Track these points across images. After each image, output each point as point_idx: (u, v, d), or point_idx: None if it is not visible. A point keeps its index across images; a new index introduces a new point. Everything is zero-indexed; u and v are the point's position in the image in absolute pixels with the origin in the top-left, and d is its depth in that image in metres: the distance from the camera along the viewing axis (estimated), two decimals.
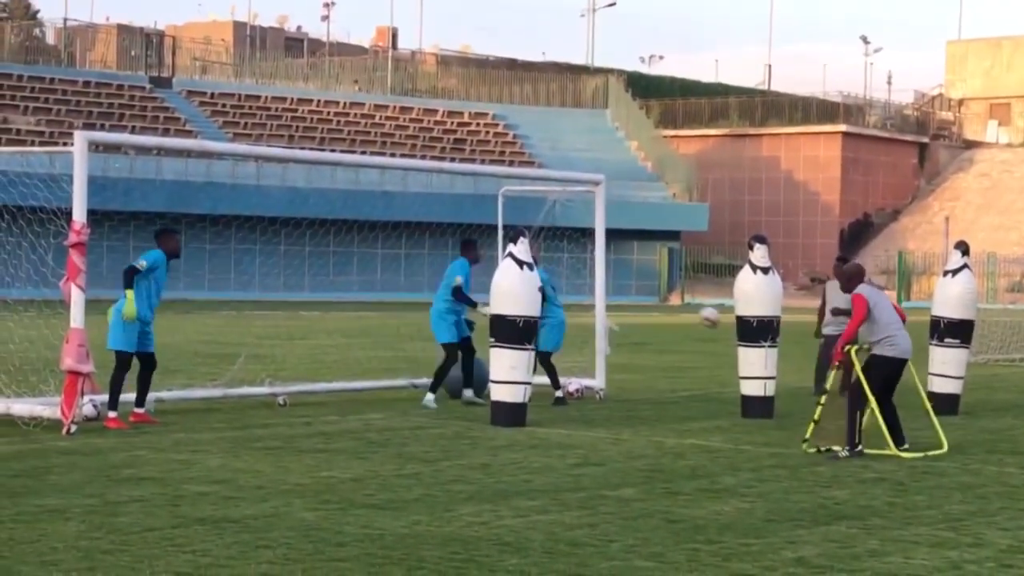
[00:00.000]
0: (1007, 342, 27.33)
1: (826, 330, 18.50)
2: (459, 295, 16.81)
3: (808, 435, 13.23)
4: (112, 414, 14.05)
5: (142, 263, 14.20)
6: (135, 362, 14.35)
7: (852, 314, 13.17)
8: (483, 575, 7.92)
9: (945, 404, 16.92)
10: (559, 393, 17.24)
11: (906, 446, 13.14)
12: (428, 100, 68.85)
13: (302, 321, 36.28)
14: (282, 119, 62.65)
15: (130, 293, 14.08)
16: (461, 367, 16.97)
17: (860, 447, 12.82)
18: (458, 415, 15.84)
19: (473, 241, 17.43)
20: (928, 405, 14.06)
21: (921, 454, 13.04)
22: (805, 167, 75.19)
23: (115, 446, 12.70)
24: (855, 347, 13.23)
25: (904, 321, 13.44)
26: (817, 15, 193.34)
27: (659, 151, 69.65)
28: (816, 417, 13.20)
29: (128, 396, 14.38)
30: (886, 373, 13.12)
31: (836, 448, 13.02)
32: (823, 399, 13.32)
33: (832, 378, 13.46)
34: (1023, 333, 27.85)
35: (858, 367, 13.13)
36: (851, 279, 13.44)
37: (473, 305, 16.80)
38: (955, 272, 17.18)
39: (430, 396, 16.66)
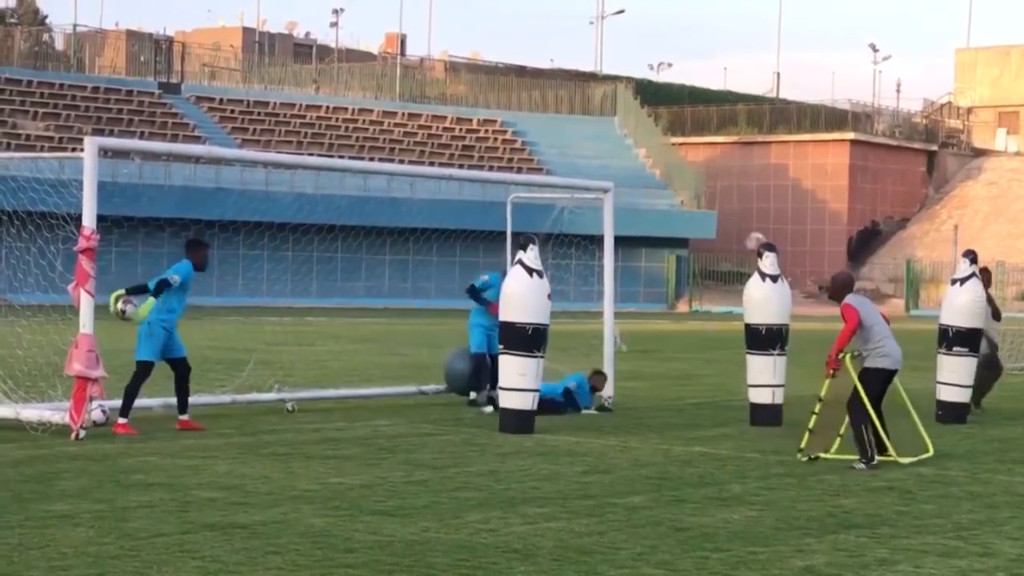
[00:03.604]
0: (1016, 351, 27.26)
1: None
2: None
3: (803, 444, 13.25)
4: (122, 420, 14.07)
5: (175, 278, 14.25)
6: (170, 371, 14.50)
7: (844, 323, 13.12)
8: None
9: (954, 413, 16.91)
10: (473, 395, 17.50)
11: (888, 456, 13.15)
12: (437, 107, 68.88)
13: (310, 327, 36.32)
14: (291, 125, 62.69)
15: (151, 300, 14.16)
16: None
17: (875, 460, 12.80)
18: (467, 422, 15.84)
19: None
20: (911, 407, 13.98)
21: (915, 458, 13.10)
22: (813, 175, 75.15)
23: (124, 451, 12.71)
24: (848, 355, 13.21)
25: (888, 325, 13.48)
26: (826, 23, 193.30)
27: (667, 158, 69.64)
28: (811, 426, 13.21)
29: (150, 401, 14.43)
30: (878, 384, 13.14)
31: (824, 455, 13.11)
32: (817, 408, 13.27)
33: (826, 387, 13.36)
34: None
35: (855, 376, 13.11)
36: (842, 288, 13.41)
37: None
38: (963, 281, 17.16)
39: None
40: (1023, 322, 30.64)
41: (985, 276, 18.44)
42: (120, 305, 14.38)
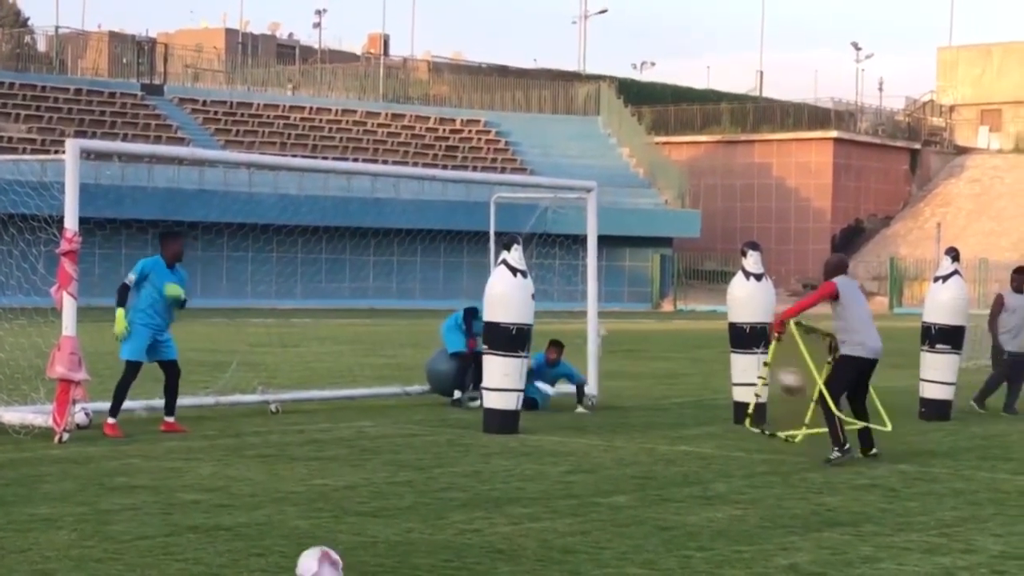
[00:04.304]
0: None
1: (1009, 346, 17.96)
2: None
3: (750, 411, 13.40)
4: (111, 420, 14.03)
5: (131, 277, 14.18)
6: (159, 372, 14.42)
7: (814, 292, 13.23)
8: None
9: (937, 410, 16.95)
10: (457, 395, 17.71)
11: (874, 451, 13.17)
12: (420, 107, 68.86)
13: (294, 328, 36.25)
14: (274, 126, 62.62)
15: (119, 311, 14.04)
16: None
17: (848, 447, 12.80)
18: (451, 423, 15.83)
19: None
20: (874, 395, 14.01)
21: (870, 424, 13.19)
22: (797, 173, 75.31)
23: (107, 454, 12.68)
24: (795, 322, 13.26)
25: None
26: (808, 22, 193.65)
27: (651, 157, 69.70)
28: (757, 392, 13.32)
29: (132, 404, 14.37)
30: (854, 373, 13.12)
31: (785, 434, 13.36)
32: (763, 371, 13.39)
33: (772, 350, 13.46)
34: None
35: (800, 343, 13.15)
36: (833, 270, 13.44)
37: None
38: (946, 278, 17.20)
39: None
40: None
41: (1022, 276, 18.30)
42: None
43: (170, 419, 14.54)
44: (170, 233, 14.98)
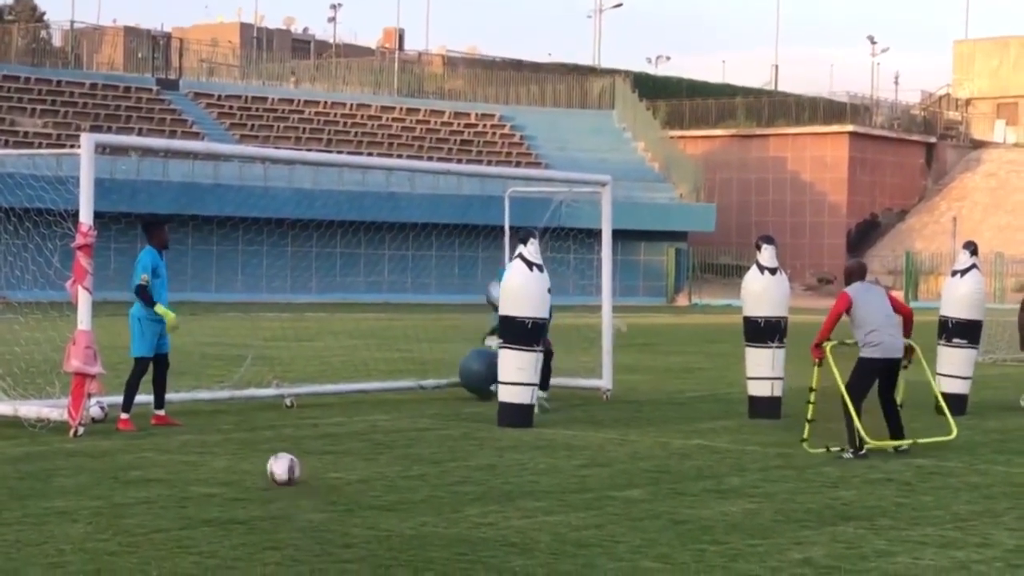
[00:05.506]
0: (1015, 342, 27.22)
1: None
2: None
3: (806, 435, 13.19)
4: (124, 416, 14.08)
5: (145, 277, 14.20)
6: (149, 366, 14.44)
7: (832, 310, 13.18)
8: None
9: (953, 404, 16.86)
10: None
11: (903, 446, 13.15)
12: (435, 101, 68.83)
13: (309, 322, 36.32)
14: (289, 121, 62.66)
15: (159, 307, 14.10)
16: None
17: (864, 451, 12.78)
18: (465, 416, 15.84)
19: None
20: (939, 396, 13.98)
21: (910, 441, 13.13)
22: (812, 167, 75.14)
23: (122, 448, 12.71)
24: (831, 344, 13.24)
25: (910, 317, 13.43)
26: (824, 15, 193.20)
27: (666, 152, 69.59)
28: (810, 416, 13.19)
29: (143, 398, 14.41)
30: (873, 375, 13.11)
31: (842, 447, 13.09)
32: (813, 397, 13.29)
33: (815, 376, 13.39)
34: None
35: (834, 367, 13.10)
36: (848, 276, 13.47)
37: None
38: (963, 272, 17.17)
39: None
40: None
41: None
42: None
43: (160, 412, 14.54)
44: (156, 222, 15.02)
